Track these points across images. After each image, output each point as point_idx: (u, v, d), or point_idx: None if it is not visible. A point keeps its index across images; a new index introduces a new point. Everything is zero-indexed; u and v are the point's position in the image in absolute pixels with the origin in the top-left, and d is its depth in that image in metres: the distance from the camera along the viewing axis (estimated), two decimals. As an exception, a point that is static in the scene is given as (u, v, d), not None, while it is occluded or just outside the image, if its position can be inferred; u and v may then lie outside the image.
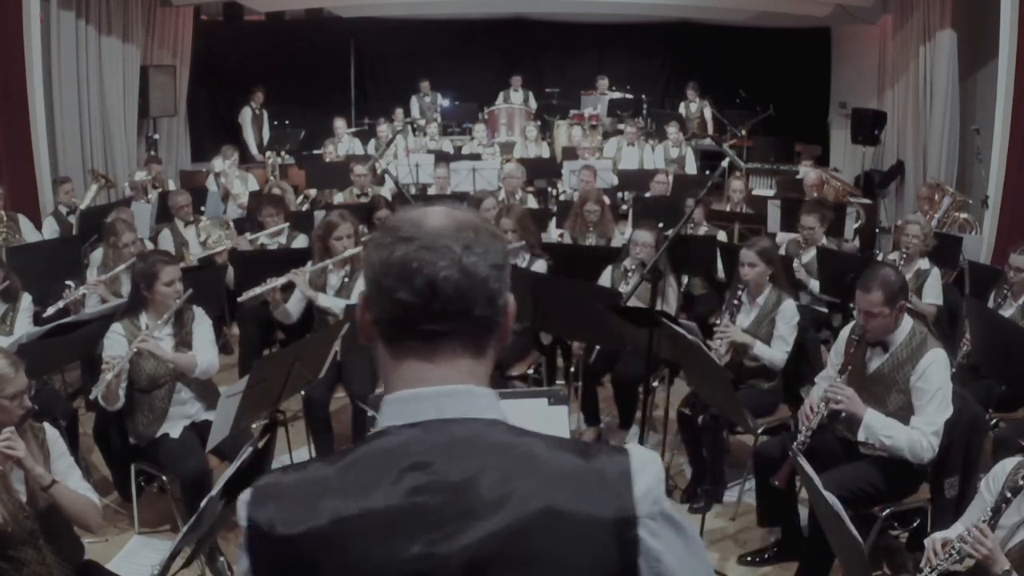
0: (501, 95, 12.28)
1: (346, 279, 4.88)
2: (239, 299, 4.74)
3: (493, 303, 1.09)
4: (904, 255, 5.19)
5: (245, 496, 1.07)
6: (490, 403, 1.09)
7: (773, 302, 4.30)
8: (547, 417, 2.03)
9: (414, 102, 12.28)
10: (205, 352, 3.87)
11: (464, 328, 1.08)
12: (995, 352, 4.05)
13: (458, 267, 1.05)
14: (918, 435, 3.20)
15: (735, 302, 4.33)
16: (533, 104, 12.13)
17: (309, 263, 4.87)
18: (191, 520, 2.47)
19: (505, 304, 1.11)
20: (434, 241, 1.06)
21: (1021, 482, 2.52)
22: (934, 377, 3.24)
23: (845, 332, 3.60)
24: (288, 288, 4.79)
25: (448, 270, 1.05)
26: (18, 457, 2.61)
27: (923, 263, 5.22)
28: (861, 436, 3.29)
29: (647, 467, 1.06)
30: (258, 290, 4.57)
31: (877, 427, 3.25)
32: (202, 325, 3.96)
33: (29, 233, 6.46)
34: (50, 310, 4.72)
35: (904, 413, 3.28)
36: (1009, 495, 2.52)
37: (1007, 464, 2.63)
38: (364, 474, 1.03)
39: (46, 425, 2.87)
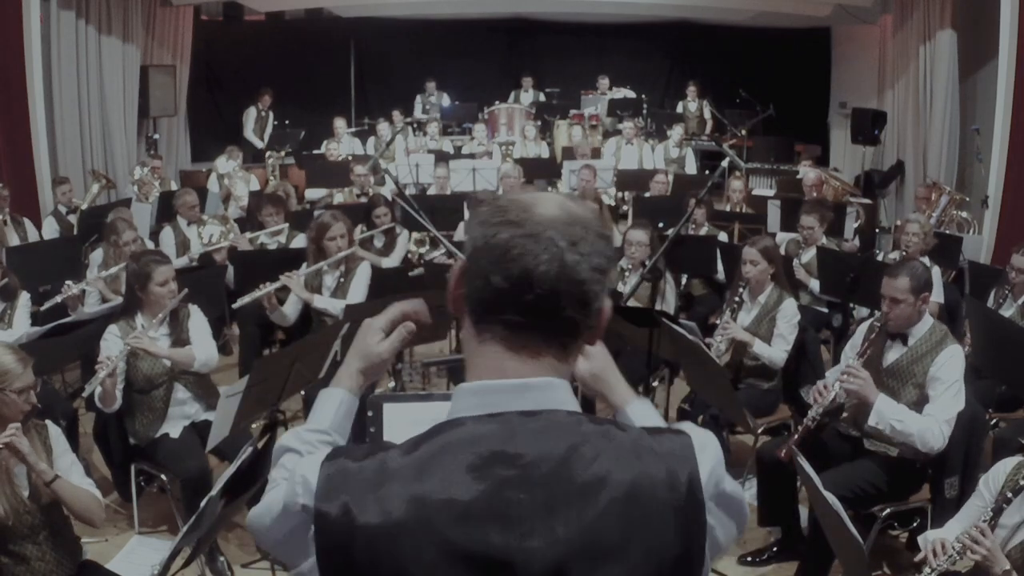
0: (512, 95, 12.28)
1: (341, 279, 4.88)
2: (234, 306, 4.72)
3: (586, 307, 1.05)
4: (904, 254, 5.20)
5: (307, 485, 1.02)
6: (568, 396, 1.06)
7: (774, 301, 4.29)
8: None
9: (418, 101, 12.27)
10: (203, 345, 3.86)
11: (551, 326, 1.04)
12: (995, 352, 4.05)
13: (558, 263, 1.01)
14: (930, 422, 3.20)
15: (736, 300, 4.34)
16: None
17: (304, 264, 4.86)
18: (191, 520, 2.47)
19: (600, 309, 1.07)
20: (540, 231, 1.01)
21: (1022, 482, 2.52)
22: (952, 369, 3.27)
23: (864, 327, 3.61)
24: (285, 289, 4.78)
25: (548, 264, 1.01)
26: (22, 452, 2.61)
27: (923, 262, 5.22)
28: (872, 421, 3.26)
29: (707, 448, 1.07)
30: (251, 296, 4.55)
31: (888, 412, 3.23)
32: (197, 319, 3.94)
33: (29, 234, 6.46)
34: (47, 304, 4.70)
35: (916, 408, 3.28)
36: (1010, 495, 2.52)
37: (1007, 464, 2.62)
38: (444, 465, 1.00)
39: (48, 423, 2.88)
